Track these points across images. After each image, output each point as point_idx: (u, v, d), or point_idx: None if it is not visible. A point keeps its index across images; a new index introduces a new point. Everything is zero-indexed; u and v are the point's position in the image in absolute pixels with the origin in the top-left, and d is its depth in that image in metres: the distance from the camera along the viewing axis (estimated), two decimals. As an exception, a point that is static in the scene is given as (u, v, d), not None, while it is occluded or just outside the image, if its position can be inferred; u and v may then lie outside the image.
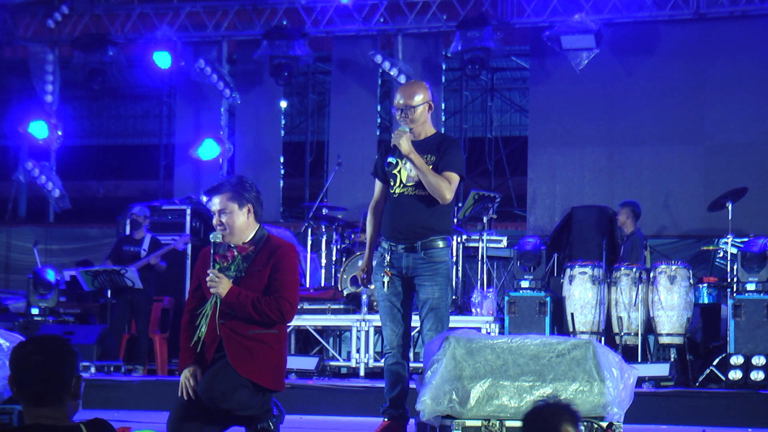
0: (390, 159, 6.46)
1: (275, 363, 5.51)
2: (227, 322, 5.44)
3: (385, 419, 6.54)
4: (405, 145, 6.32)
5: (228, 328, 5.43)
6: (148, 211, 12.03)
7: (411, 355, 11.30)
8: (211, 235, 5.54)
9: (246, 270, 5.49)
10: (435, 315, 6.42)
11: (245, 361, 5.39)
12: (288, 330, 9.24)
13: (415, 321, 6.62)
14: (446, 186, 6.33)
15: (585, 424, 5.28)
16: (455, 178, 6.39)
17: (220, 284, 5.42)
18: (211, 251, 5.50)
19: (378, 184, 6.65)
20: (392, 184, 6.51)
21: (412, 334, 10.87)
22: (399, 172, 6.49)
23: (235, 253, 5.49)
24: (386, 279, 6.46)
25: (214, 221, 5.56)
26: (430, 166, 6.38)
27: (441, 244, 6.43)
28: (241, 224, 5.54)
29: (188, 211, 12.96)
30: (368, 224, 6.72)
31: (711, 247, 12.97)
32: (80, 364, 3.38)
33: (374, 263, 6.64)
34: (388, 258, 6.46)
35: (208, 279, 5.44)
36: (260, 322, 5.43)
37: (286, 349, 5.65)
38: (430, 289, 6.42)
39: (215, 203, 5.55)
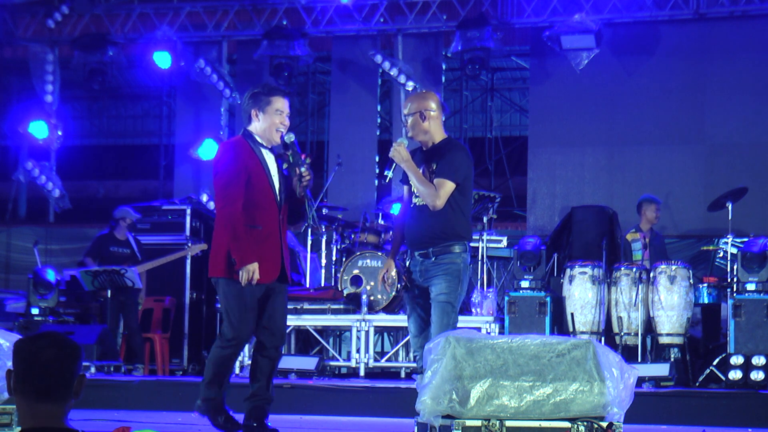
0: (386, 172, 6.66)
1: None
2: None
3: None
4: (398, 155, 6.53)
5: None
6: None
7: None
8: (286, 136, 6.58)
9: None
10: (441, 309, 6.46)
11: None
12: (287, 329, 9.23)
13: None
14: (432, 194, 6.42)
15: (585, 424, 5.28)
16: (445, 184, 6.45)
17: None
18: (295, 143, 6.59)
19: (405, 188, 6.81)
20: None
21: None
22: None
23: (305, 157, 6.49)
24: (404, 283, 6.63)
25: (282, 120, 6.62)
26: (432, 174, 6.50)
27: (457, 249, 6.51)
28: None
29: (188, 211, 12.91)
30: (395, 228, 7.10)
31: (711, 247, 12.96)
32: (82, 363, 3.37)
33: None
34: (408, 264, 6.65)
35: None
36: None
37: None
38: (439, 286, 6.48)
39: (286, 105, 6.65)
